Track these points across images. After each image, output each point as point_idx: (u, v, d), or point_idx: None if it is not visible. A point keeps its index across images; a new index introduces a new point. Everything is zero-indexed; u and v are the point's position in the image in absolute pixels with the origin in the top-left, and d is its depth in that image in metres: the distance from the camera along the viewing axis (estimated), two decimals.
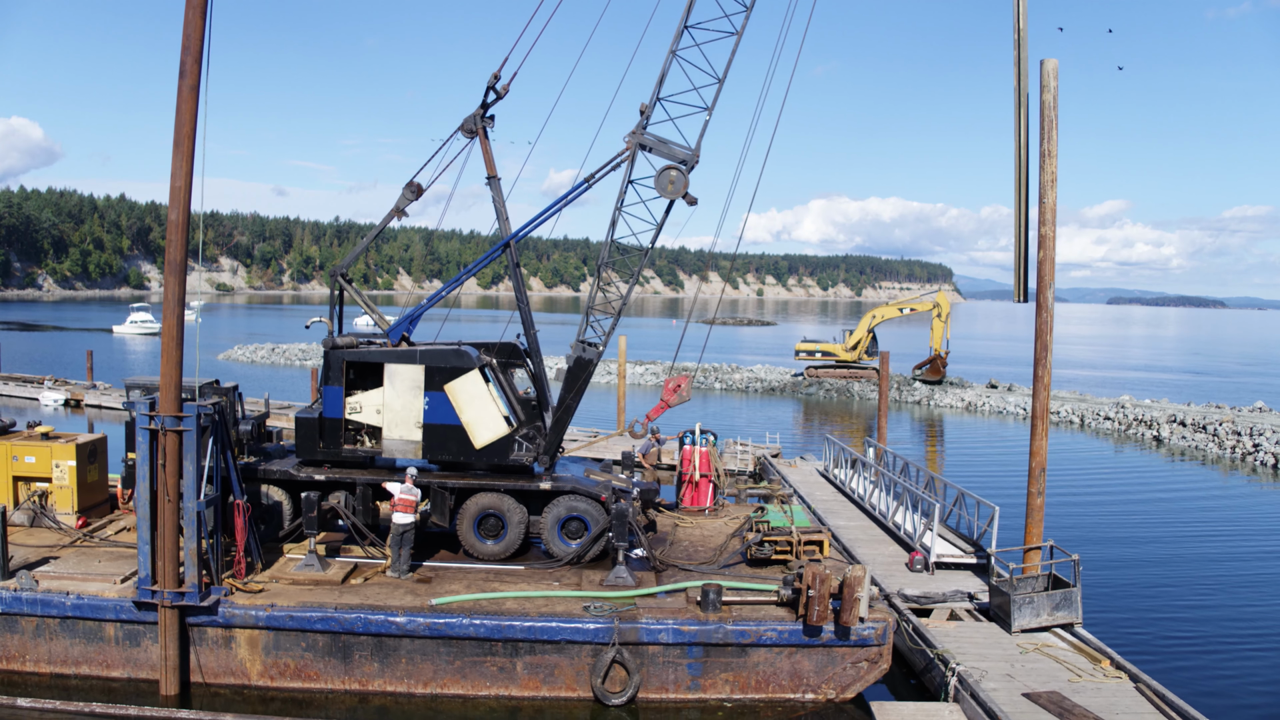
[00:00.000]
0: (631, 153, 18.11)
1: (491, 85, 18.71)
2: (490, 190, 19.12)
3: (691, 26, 18.57)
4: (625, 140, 18.19)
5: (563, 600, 16.09)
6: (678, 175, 17.73)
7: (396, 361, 18.01)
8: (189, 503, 15.10)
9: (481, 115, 18.84)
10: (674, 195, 17.77)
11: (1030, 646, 16.66)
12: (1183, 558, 26.64)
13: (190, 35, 14.73)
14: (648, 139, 18.15)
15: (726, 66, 18.59)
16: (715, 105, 18.31)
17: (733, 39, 18.36)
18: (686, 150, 18.11)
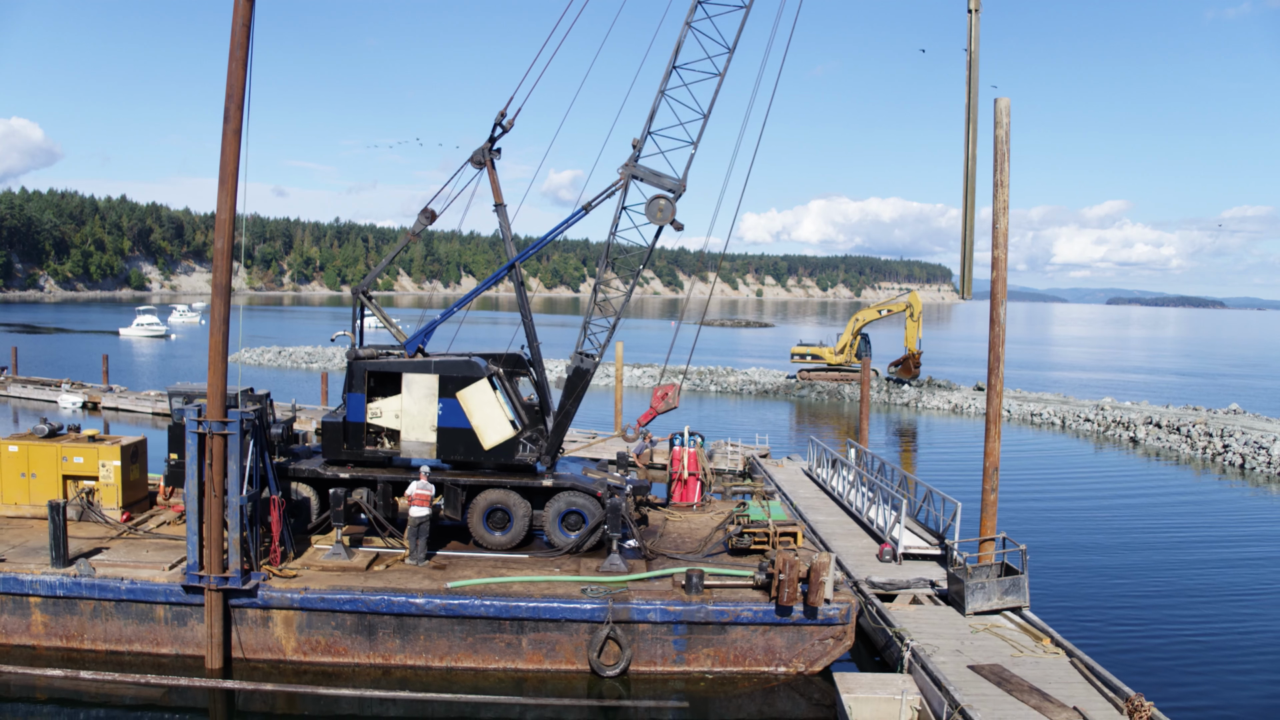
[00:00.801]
0: (625, 183, 20.08)
1: (498, 121, 20.69)
2: (497, 216, 21.07)
3: (679, 67, 20.56)
4: (619, 171, 20.17)
5: (563, 584, 18.06)
6: (666, 204, 19.71)
7: (413, 371, 19.99)
8: (232, 498, 17.07)
9: (489, 149, 20.81)
10: (663, 222, 19.74)
11: (981, 627, 18.62)
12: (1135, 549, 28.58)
13: (233, 84, 16.71)
14: (639, 170, 20.12)
15: (711, 103, 20.56)
16: (700, 139, 20.28)
17: (716, 79, 20.34)
18: (675, 180, 20.08)
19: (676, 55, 20.50)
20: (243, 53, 16.59)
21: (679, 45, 20.44)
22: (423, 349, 20.95)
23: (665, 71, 20.60)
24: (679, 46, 20.45)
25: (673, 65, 20.49)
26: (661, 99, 20.22)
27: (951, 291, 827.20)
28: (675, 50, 20.44)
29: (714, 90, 20.33)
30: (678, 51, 20.49)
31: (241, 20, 16.66)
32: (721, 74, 20.38)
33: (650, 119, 20.42)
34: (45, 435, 21.91)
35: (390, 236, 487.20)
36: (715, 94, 20.46)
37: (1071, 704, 15.22)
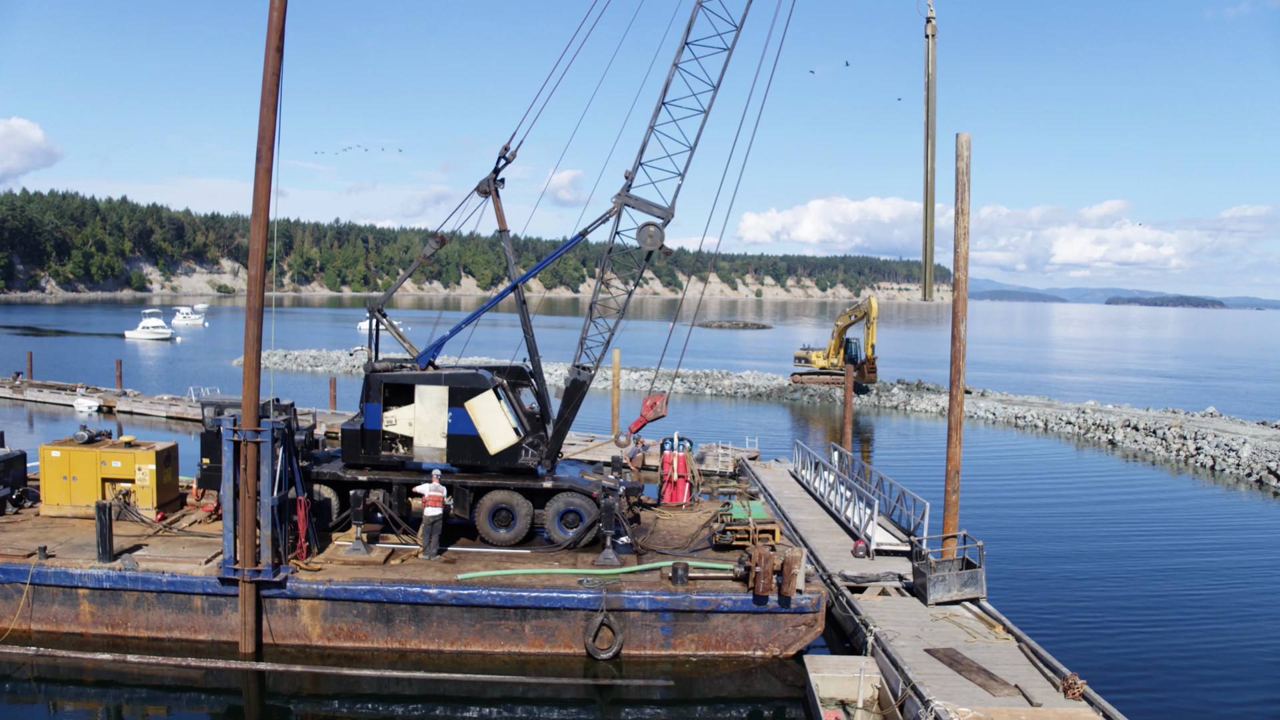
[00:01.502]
0: (618, 211, 22.00)
1: (502, 154, 22.62)
2: (502, 240, 22.97)
3: (668, 104, 22.47)
4: (613, 200, 22.08)
5: (561, 576, 19.97)
6: (655, 230, 21.62)
7: (425, 383, 21.89)
8: (265, 499, 18.97)
9: (493, 179, 22.71)
10: (652, 247, 21.65)
11: (941, 615, 20.53)
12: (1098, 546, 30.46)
13: (265, 128, 18.60)
14: (631, 199, 22.03)
15: (696, 136, 22.47)
16: (687, 171, 22.19)
17: (701, 115, 22.25)
18: (663, 209, 21.99)
19: (665, 93, 22.41)
20: (273, 99, 18.48)
21: (667, 84, 22.36)
22: (433, 362, 22.85)
23: (655, 108, 22.51)
24: (667, 85, 22.37)
25: (661, 102, 22.40)
26: (651, 134, 22.13)
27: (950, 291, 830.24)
28: (664, 89, 22.36)
29: (699, 126, 22.24)
30: (666, 89, 22.41)
31: (272, 70, 18.55)
32: (706, 110, 22.29)
33: (641, 152, 22.33)
34: (85, 441, 23.81)
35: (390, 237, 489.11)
36: (700, 129, 22.37)
37: (1014, 683, 17.11)
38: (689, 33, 22.39)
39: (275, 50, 18.56)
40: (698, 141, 22.50)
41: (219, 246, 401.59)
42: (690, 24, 22.33)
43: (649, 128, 22.16)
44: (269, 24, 18.69)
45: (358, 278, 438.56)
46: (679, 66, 22.17)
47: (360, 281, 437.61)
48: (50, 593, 19.89)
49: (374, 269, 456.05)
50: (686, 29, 22.45)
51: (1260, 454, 43.86)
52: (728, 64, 22.49)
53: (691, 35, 22.38)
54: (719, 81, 22.54)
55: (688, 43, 22.40)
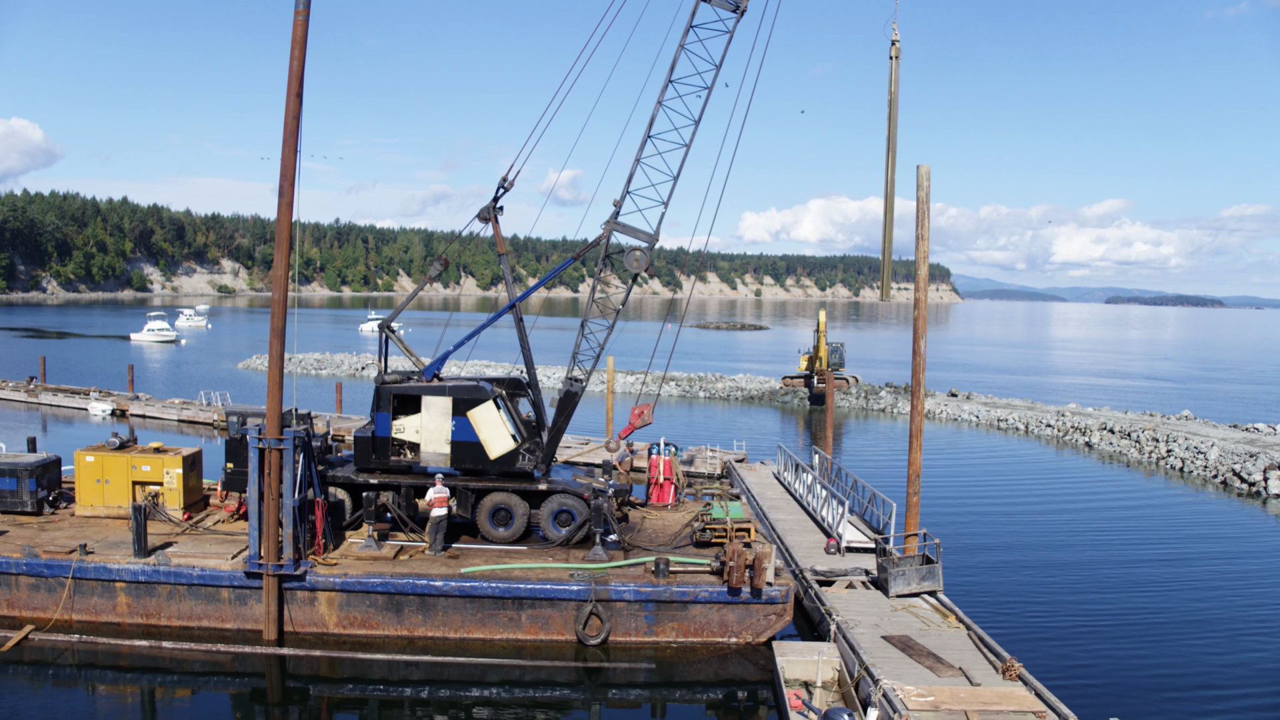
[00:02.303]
0: (606, 237, 24.02)
1: (501, 184, 24.64)
2: (500, 263, 24.99)
3: (653, 137, 24.49)
4: (602, 227, 24.12)
5: (554, 570, 21.99)
6: (641, 255, 23.65)
7: (431, 394, 23.91)
8: (287, 500, 20.98)
9: (493, 206, 24.73)
10: (638, 269, 23.67)
11: (900, 607, 22.55)
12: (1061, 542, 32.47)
13: (286, 165, 20.62)
14: (619, 225, 24.05)
15: (679, 167, 24.49)
16: (670, 199, 24.20)
17: (683, 149, 24.27)
18: (648, 235, 24.00)
19: (651, 126, 24.43)
20: (294, 140, 20.50)
21: (652, 119, 24.38)
22: (438, 374, 24.87)
23: (640, 141, 24.53)
24: (652, 120, 24.39)
25: (647, 135, 24.42)
26: (637, 166, 24.16)
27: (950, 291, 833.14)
28: (649, 123, 24.38)
29: (681, 158, 24.26)
30: (651, 123, 24.43)
31: (292, 114, 20.56)
32: (688, 144, 24.31)
33: (628, 181, 24.35)
34: (117, 447, 25.83)
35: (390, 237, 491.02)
36: (683, 160, 24.40)
37: (959, 665, 19.14)
38: (672, 70, 24.39)
39: (295, 96, 20.57)
40: (680, 171, 24.51)
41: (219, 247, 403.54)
42: (673, 64, 24.33)
43: (635, 160, 24.18)
44: (289, 71, 20.69)
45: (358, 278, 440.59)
46: (663, 104, 24.18)
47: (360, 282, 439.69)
48: (90, 586, 21.91)
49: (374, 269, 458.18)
50: (670, 67, 24.45)
51: (1226, 456, 45.88)
52: (708, 100, 24.50)
53: (675, 74, 24.40)
54: (700, 115, 24.55)
55: (671, 80, 24.41)
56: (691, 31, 24.50)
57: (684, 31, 24.49)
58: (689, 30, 24.44)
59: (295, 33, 20.59)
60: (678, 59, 24.34)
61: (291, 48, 20.60)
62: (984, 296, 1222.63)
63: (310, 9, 20.78)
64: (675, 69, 24.41)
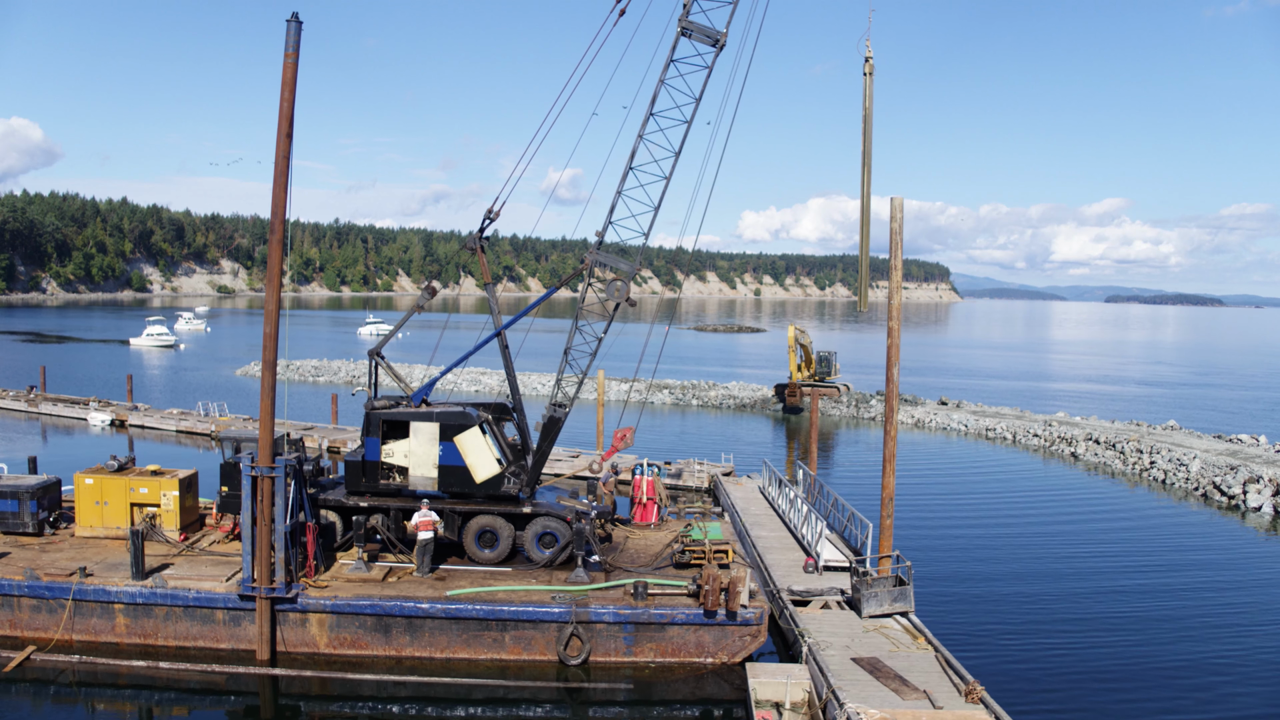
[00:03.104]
0: (589, 267, 24.80)
1: (487, 214, 25.42)
2: (486, 293, 25.77)
3: (634, 169, 25.27)
4: (584, 258, 24.89)
5: (537, 592, 22.78)
6: (622, 285, 24.43)
7: (419, 420, 24.69)
8: (279, 525, 21.76)
9: (479, 237, 25.51)
10: (619, 299, 24.45)
11: (873, 628, 23.33)
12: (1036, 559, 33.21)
13: (276, 204, 21.38)
14: (601, 256, 24.83)
15: (659, 198, 25.25)
16: (650, 230, 24.97)
17: (663, 181, 25.04)
18: (629, 266, 24.78)
19: (632, 159, 25.20)
20: (284, 179, 21.28)
21: (634, 152, 25.15)
22: (426, 400, 25.65)
23: (622, 174, 25.31)
24: (634, 153, 25.16)
25: (629, 167, 25.19)
26: (619, 198, 24.94)
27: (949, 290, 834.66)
28: (630, 155, 25.15)
29: (662, 190, 25.03)
30: (633, 156, 25.20)
31: (282, 153, 21.33)
32: (668, 177, 25.09)
33: (610, 212, 25.13)
34: (115, 469, 26.61)
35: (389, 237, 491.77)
36: (663, 192, 25.18)
37: (924, 688, 19.91)
38: (653, 104, 25.15)
39: (285, 136, 21.33)
40: (661, 201, 25.25)
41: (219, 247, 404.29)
42: (654, 98, 25.08)
43: (616, 192, 24.95)
44: (280, 112, 21.45)
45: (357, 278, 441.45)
46: (644, 138, 24.95)
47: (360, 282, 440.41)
48: (89, 607, 22.70)
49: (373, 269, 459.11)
50: (651, 100, 25.21)
51: (1207, 469, 46.64)
52: (687, 134, 25.28)
53: (655, 107, 25.17)
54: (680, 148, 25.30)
55: (652, 114, 25.18)
56: (672, 65, 25.26)
57: (664, 66, 25.24)
58: (669, 65, 25.19)
59: (285, 74, 21.36)
60: (658, 93, 25.11)
61: (281, 89, 21.35)
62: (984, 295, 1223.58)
63: (299, 50, 21.56)
64: (656, 102, 25.18)
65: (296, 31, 21.39)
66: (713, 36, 25.14)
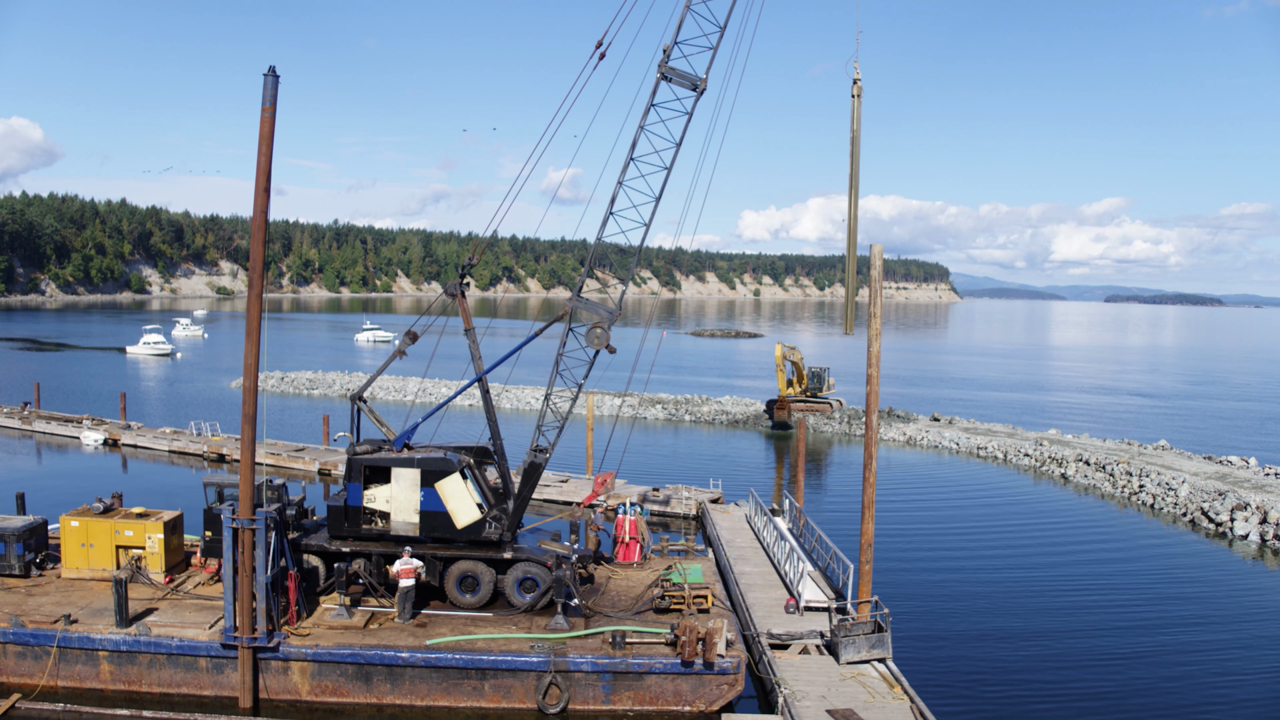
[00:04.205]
0: (569, 312, 24.99)
1: (468, 260, 25.59)
2: (467, 339, 25.94)
3: (614, 214, 25.43)
4: (566, 304, 25.07)
5: (517, 640, 22.98)
6: (602, 332, 24.61)
7: (400, 466, 24.88)
8: (260, 576, 21.96)
9: (459, 283, 25.70)
10: (599, 346, 24.62)
11: (850, 675, 23.52)
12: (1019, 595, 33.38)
13: (255, 259, 21.57)
14: (581, 300, 25.01)
15: (639, 245, 25.42)
16: (630, 278, 25.18)
17: (643, 228, 25.21)
18: (609, 311, 24.96)
19: (612, 205, 25.38)
20: (262, 234, 21.46)
21: (614, 198, 25.32)
22: (409, 444, 25.85)
23: (602, 220, 25.47)
24: (614, 199, 25.33)
25: (609, 212, 25.38)
26: (599, 243, 25.13)
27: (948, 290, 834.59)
28: (610, 202, 25.32)
29: (641, 236, 25.20)
30: (612, 203, 25.38)
31: (260, 208, 21.51)
32: (647, 224, 25.28)
33: (590, 259, 25.33)
34: (101, 512, 26.81)
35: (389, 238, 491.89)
36: (643, 239, 25.37)
37: None
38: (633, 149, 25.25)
39: (263, 191, 21.51)
40: (641, 249, 25.44)
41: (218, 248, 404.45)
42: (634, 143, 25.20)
43: (597, 239, 25.13)
44: (257, 166, 21.62)
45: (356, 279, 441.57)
46: (624, 184, 25.12)
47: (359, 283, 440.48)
48: (74, 654, 22.91)
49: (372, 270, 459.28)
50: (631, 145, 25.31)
51: (1196, 494, 46.80)
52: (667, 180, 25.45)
53: (636, 152, 25.31)
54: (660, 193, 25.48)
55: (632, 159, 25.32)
56: (652, 110, 25.42)
57: (644, 111, 25.38)
58: (649, 110, 25.34)
59: (262, 130, 21.52)
60: (638, 139, 25.26)
61: (259, 144, 21.52)
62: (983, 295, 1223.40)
63: (276, 105, 21.71)
64: (636, 147, 25.33)
65: (274, 86, 21.55)
66: (693, 81, 25.31)
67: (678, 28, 25.29)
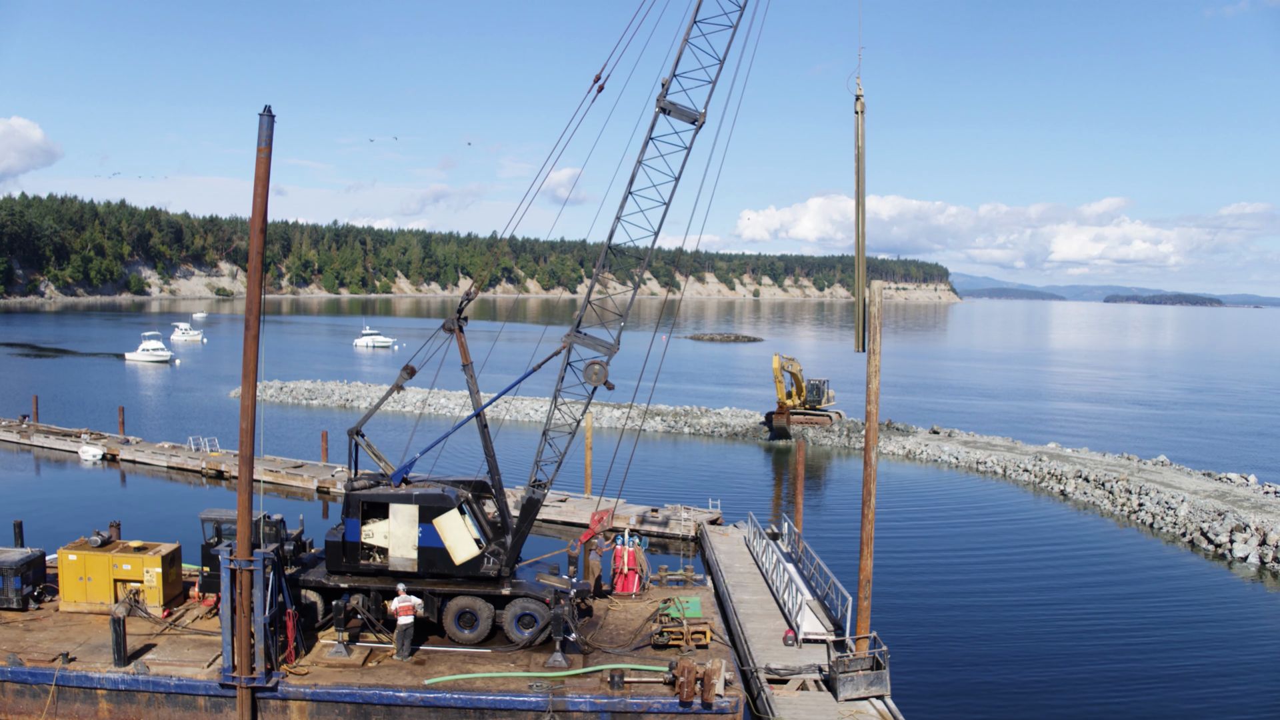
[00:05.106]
0: (567, 349, 24.97)
1: (465, 295, 25.57)
2: (465, 374, 25.92)
3: (612, 247, 25.43)
4: (562, 340, 25.05)
5: (514, 680, 22.95)
6: (600, 369, 24.59)
7: (398, 502, 24.85)
8: (258, 616, 21.93)
9: (457, 318, 25.68)
10: (597, 383, 24.60)
11: (848, 713, 23.52)
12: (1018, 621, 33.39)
13: (251, 301, 21.54)
14: (579, 337, 25.00)
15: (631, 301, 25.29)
16: (628, 313, 25.13)
17: (633, 290, 25.19)
18: (608, 346, 24.94)
19: (610, 238, 25.35)
20: (259, 275, 21.42)
21: (611, 232, 25.28)
22: (406, 479, 25.82)
23: (601, 256, 25.48)
24: (611, 233, 25.29)
25: (607, 246, 25.37)
26: (595, 282, 25.13)
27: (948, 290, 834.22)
28: (609, 235, 25.29)
29: (632, 296, 25.05)
30: (611, 236, 25.34)
31: (256, 249, 21.48)
32: (645, 258, 25.25)
33: (588, 294, 25.31)
34: (99, 545, 26.78)
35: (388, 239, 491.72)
36: (642, 273, 25.35)
37: None
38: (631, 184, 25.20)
39: (259, 232, 21.48)
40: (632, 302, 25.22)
41: (217, 249, 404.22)
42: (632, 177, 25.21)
43: (592, 279, 25.13)
44: (253, 207, 21.59)
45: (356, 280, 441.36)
46: (622, 220, 25.09)
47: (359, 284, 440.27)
48: (72, 693, 22.86)
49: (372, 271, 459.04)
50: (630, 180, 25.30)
51: (1195, 514, 46.77)
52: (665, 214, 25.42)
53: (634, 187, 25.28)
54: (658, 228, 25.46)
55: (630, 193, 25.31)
56: (651, 144, 25.40)
57: (642, 145, 25.36)
58: (647, 143, 25.32)
59: (258, 170, 21.48)
60: (636, 174, 25.25)
61: (255, 185, 21.48)
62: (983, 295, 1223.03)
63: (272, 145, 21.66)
64: (634, 182, 25.31)
65: (269, 125, 21.51)
66: (691, 116, 25.30)
67: (676, 61, 25.28)
